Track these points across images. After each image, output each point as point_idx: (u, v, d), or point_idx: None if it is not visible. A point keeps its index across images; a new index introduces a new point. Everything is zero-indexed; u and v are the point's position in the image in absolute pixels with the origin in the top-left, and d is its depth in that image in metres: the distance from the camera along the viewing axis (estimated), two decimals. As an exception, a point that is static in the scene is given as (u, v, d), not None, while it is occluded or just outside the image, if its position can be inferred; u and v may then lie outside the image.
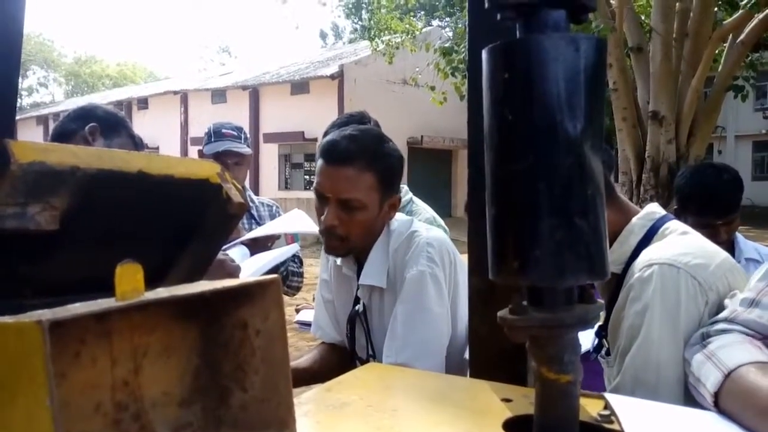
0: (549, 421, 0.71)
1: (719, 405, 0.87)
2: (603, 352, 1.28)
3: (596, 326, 1.30)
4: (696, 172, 2.23)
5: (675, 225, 1.21)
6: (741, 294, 1.02)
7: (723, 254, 1.15)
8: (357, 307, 1.56)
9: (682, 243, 1.14)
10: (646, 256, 1.12)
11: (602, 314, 1.24)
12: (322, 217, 1.45)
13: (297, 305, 2.44)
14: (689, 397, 0.98)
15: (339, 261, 1.60)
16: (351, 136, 1.46)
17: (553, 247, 0.64)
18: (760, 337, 0.96)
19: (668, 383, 1.03)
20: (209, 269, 1.48)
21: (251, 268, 1.91)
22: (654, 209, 1.25)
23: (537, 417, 0.72)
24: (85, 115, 1.89)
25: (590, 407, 0.83)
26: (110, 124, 1.89)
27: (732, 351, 0.91)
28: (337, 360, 1.69)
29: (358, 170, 1.43)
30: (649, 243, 1.17)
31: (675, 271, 1.06)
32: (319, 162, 1.48)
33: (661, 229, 1.19)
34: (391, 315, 1.47)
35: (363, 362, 1.58)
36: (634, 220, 1.21)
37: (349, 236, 1.46)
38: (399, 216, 1.57)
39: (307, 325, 2.05)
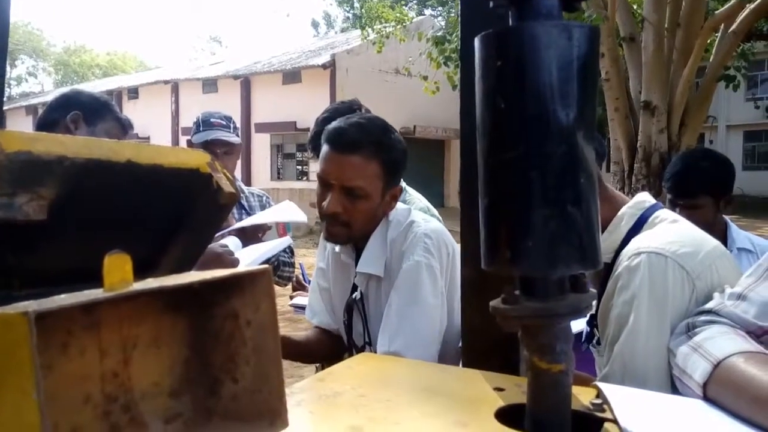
0: (541, 410, 0.71)
1: (708, 395, 0.87)
2: (594, 341, 1.28)
3: (588, 315, 1.31)
4: (682, 153, 2.27)
5: (665, 214, 1.21)
6: (729, 288, 1.02)
7: (713, 242, 1.15)
8: (354, 295, 1.57)
9: (670, 231, 1.14)
10: (635, 244, 1.13)
11: (593, 303, 1.25)
12: (324, 203, 1.45)
13: (291, 294, 2.44)
14: (675, 387, 0.99)
15: (338, 248, 1.60)
16: (358, 124, 1.45)
17: (545, 237, 0.64)
18: (744, 331, 0.96)
19: (657, 372, 1.04)
20: (206, 261, 1.48)
21: (244, 260, 1.91)
22: (644, 198, 1.25)
23: (529, 406, 0.72)
24: (66, 102, 1.87)
25: (582, 396, 0.83)
26: (94, 109, 1.86)
27: (719, 342, 0.92)
28: (329, 344, 1.69)
29: (364, 158, 1.42)
30: (639, 232, 1.17)
31: (663, 260, 1.07)
32: (324, 148, 1.47)
33: (651, 218, 1.19)
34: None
35: (359, 350, 1.58)
36: (623, 209, 1.21)
37: (351, 224, 1.46)
38: (398, 205, 1.57)
39: (302, 308, 2.06)
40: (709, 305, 1.02)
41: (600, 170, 1.32)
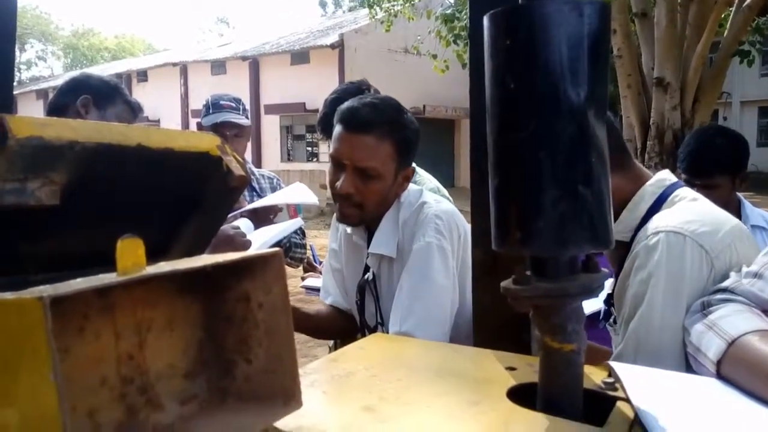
0: (553, 389, 0.71)
1: (722, 373, 0.87)
2: (611, 320, 1.28)
3: (605, 294, 1.31)
4: (695, 132, 2.23)
5: (685, 192, 1.19)
6: (746, 267, 1.02)
7: (732, 221, 1.14)
8: (367, 276, 1.57)
9: (690, 210, 1.13)
10: (653, 223, 1.12)
11: (611, 282, 1.25)
12: (338, 184, 1.45)
13: (302, 275, 2.45)
14: (689, 365, 0.99)
15: (350, 230, 1.61)
16: (372, 104, 1.45)
17: (555, 218, 0.64)
18: (760, 309, 0.96)
19: (670, 350, 1.03)
20: (218, 243, 1.48)
21: (256, 241, 1.92)
22: (665, 176, 1.23)
23: (541, 385, 0.73)
24: (76, 87, 1.87)
25: (594, 375, 0.83)
26: (104, 93, 1.87)
27: (734, 320, 0.91)
28: (342, 321, 1.70)
29: (377, 138, 1.42)
30: (659, 210, 1.16)
31: (681, 239, 1.06)
32: (338, 128, 1.46)
33: (671, 196, 1.18)
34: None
35: (372, 330, 1.59)
36: (644, 186, 1.20)
37: (364, 204, 1.46)
38: (409, 186, 1.57)
39: (313, 290, 2.07)
40: (725, 284, 1.02)
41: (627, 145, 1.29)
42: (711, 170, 2.07)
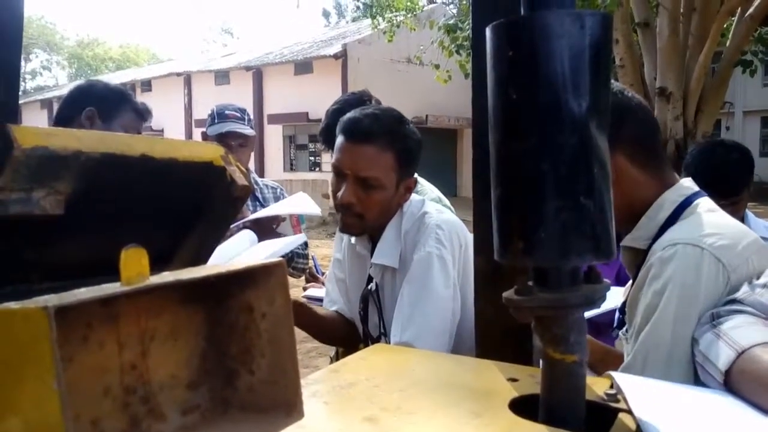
0: (555, 401, 0.71)
1: (729, 383, 0.87)
2: (625, 329, 1.27)
3: (620, 303, 1.30)
4: (704, 150, 2.20)
5: (705, 202, 1.18)
6: (756, 280, 1.01)
7: (751, 235, 1.13)
8: (370, 286, 1.58)
9: (709, 222, 1.11)
10: (670, 234, 1.10)
11: (628, 291, 1.24)
12: (339, 194, 1.45)
13: (304, 286, 2.45)
14: (698, 378, 0.98)
15: (353, 240, 1.61)
16: (373, 115, 1.46)
17: (558, 228, 0.64)
18: None
19: (679, 362, 1.02)
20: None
21: (260, 254, 1.92)
22: (687, 184, 1.21)
23: (543, 397, 0.72)
24: (80, 97, 1.86)
25: (597, 386, 0.83)
26: (109, 102, 1.86)
27: (745, 331, 0.91)
28: (348, 328, 1.71)
29: (378, 149, 1.43)
30: (678, 219, 1.15)
31: (698, 252, 1.04)
32: (340, 139, 1.48)
33: (692, 206, 1.17)
34: None
35: (375, 340, 1.59)
36: (666, 194, 1.18)
37: (365, 215, 1.47)
38: (412, 197, 1.57)
39: (315, 300, 2.08)
40: (735, 295, 1.01)
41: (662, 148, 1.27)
42: (738, 187, 2.06)
